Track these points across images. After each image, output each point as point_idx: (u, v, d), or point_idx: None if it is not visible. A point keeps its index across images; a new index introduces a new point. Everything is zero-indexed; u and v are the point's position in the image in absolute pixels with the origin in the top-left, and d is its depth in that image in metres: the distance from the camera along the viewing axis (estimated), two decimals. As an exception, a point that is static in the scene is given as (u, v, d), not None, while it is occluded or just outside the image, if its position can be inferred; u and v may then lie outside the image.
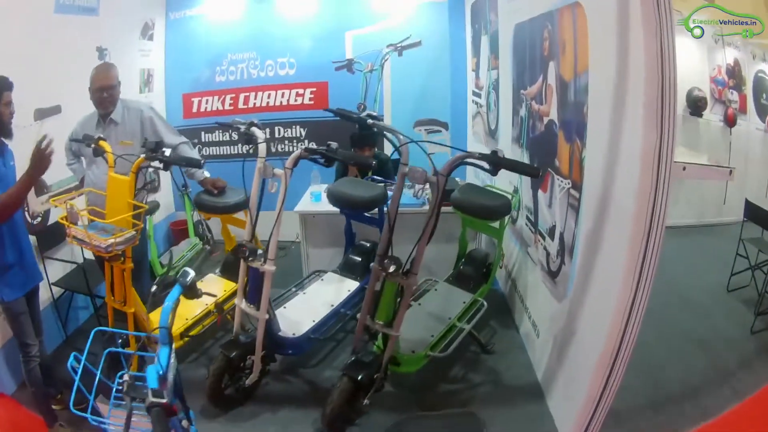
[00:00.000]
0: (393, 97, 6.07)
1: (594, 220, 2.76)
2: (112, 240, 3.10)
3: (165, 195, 6.34)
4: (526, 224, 3.97)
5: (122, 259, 3.25)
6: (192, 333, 3.93)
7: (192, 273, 2.39)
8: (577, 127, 2.96)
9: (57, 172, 4.16)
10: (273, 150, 6.33)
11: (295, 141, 6.34)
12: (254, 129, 3.41)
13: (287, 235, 5.32)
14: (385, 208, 3.81)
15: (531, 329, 3.82)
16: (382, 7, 6.06)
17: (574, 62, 2.97)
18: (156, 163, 3.30)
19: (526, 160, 3.92)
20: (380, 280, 3.07)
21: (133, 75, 5.81)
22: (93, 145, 3.41)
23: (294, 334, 3.64)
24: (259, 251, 3.21)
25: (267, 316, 3.25)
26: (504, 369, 3.76)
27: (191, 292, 2.40)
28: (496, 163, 2.67)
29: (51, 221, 4.29)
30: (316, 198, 4.78)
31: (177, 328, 3.70)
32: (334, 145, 3.13)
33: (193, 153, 4.02)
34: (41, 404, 3.36)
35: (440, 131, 6.07)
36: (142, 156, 3.25)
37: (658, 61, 2.14)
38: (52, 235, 4.25)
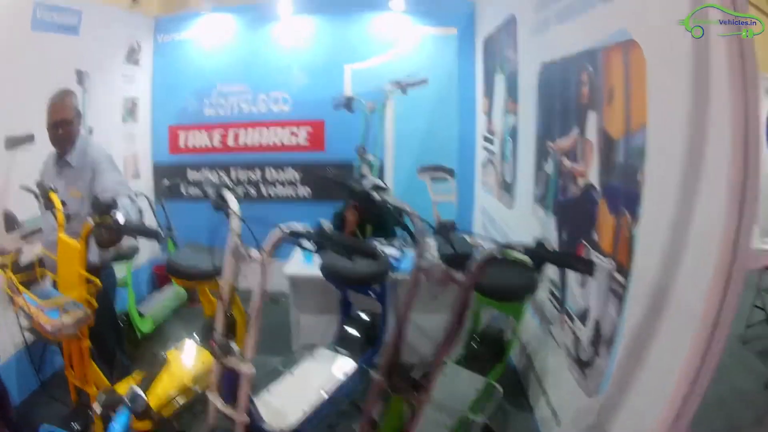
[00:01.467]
0: (396, 140, 5.68)
1: (644, 313, 2.29)
2: (59, 323, 2.75)
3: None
4: (550, 299, 3.49)
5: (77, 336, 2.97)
6: (164, 413, 3.29)
7: (143, 397, 2.23)
8: (626, 196, 2.46)
9: (30, 208, 3.75)
10: (265, 194, 5.97)
11: (287, 185, 5.95)
12: (226, 193, 2.77)
13: (279, 284, 4.85)
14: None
15: (550, 416, 3.39)
16: (385, 39, 5.70)
17: (626, 116, 2.48)
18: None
19: (551, 225, 3.45)
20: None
21: (115, 102, 5.45)
22: (42, 197, 3.15)
23: (282, 430, 3.06)
24: (234, 346, 2.59)
25: (247, 420, 2.62)
26: None
27: (144, 415, 2.15)
28: (541, 258, 2.16)
29: (24, 261, 3.87)
30: (308, 259, 4.30)
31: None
32: (326, 224, 2.43)
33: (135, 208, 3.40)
34: None
35: (446, 179, 5.65)
36: (89, 221, 2.85)
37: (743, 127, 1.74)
38: (25, 276, 3.77)
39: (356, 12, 5.77)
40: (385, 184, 2.68)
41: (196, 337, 4.01)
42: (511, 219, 4.36)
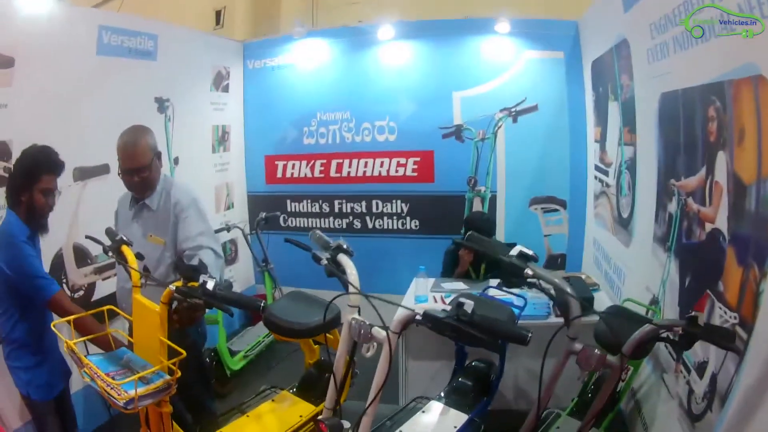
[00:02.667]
0: (507, 170, 5.54)
1: (762, 373, 2.13)
2: (134, 394, 2.31)
3: (243, 265, 5.98)
4: (666, 346, 3.29)
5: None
6: None
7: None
8: (757, 248, 2.29)
9: (103, 239, 3.61)
10: (371, 226, 5.94)
11: (395, 218, 5.88)
12: (342, 257, 2.41)
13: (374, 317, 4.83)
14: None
15: None
16: (493, 64, 5.57)
17: (758, 159, 2.31)
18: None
19: (673, 268, 3.27)
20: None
21: (205, 131, 5.51)
22: (113, 250, 2.75)
23: None
24: (346, 425, 2.29)
25: None
26: None
27: None
28: (692, 336, 2.09)
29: (96, 296, 3.93)
30: (420, 300, 4.16)
31: None
32: (469, 306, 2.02)
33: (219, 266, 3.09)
34: None
35: (558, 210, 5.51)
36: (171, 288, 2.48)
37: None
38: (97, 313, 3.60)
39: (461, 36, 5.68)
40: (532, 253, 2.41)
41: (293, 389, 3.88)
42: (629, 258, 4.17)
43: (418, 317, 2.08)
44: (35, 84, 3.43)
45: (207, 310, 2.61)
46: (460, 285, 4.34)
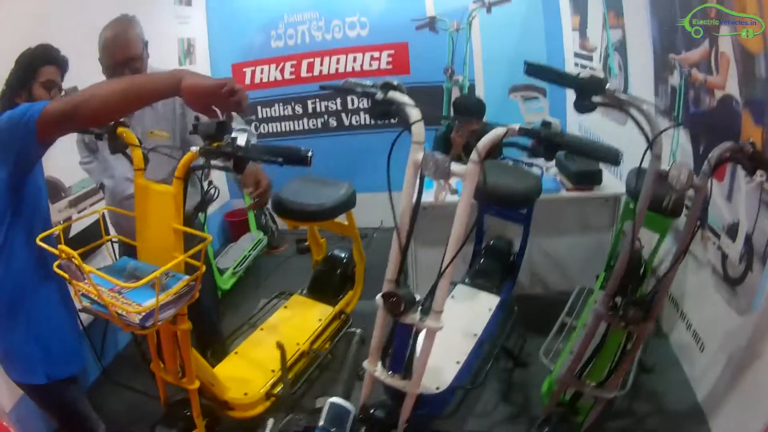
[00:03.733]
0: (484, 60, 5.59)
1: None
2: (151, 305, 1.91)
3: (217, 180, 6.01)
4: (686, 215, 3.44)
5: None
6: (277, 390, 3.02)
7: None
8: None
9: (78, 169, 3.40)
10: (347, 123, 5.99)
11: None
12: (395, 95, 2.13)
13: (368, 221, 4.93)
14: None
15: (690, 341, 3.37)
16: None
17: (765, 30, 2.44)
18: (220, 162, 2.11)
19: (684, 139, 3.39)
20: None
21: (171, 45, 5.34)
22: (105, 136, 2.34)
23: (438, 387, 2.71)
24: (417, 297, 2.06)
25: (419, 392, 2.17)
26: (655, 386, 3.35)
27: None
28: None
29: (73, 232, 3.46)
30: (428, 185, 4.18)
31: (257, 387, 2.97)
32: (556, 125, 1.85)
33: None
34: None
35: (537, 98, 5.61)
36: (193, 150, 2.09)
37: None
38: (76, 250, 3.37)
39: None
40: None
41: (303, 291, 3.84)
42: (626, 136, 4.29)
43: (512, 132, 1.86)
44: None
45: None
46: (459, 167, 4.38)
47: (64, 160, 3.22)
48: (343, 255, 3.86)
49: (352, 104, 5.94)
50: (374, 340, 2.20)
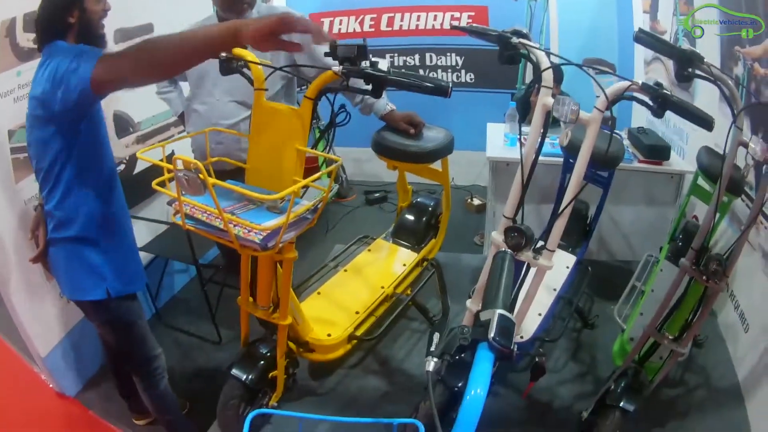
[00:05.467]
0: (560, 31, 5.77)
1: None
2: (278, 225, 1.97)
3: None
4: (742, 199, 3.62)
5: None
6: (360, 333, 3.19)
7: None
8: None
9: (146, 105, 3.54)
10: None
11: (449, 70, 6.09)
12: (527, 42, 2.29)
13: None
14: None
15: (737, 321, 3.59)
16: None
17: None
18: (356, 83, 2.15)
19: (745, 129, 3.55)
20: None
21: None
22: (222, 55, 2.28)
23: (522, 336, 2.89)
24: (537, 240, 2.18)
25: (521, 334, 2.36)
26: (703, 361, 3.55)
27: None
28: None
29: (138, 169, 3.56)
30: (512, 142, 4.35)
31: (341, 329, 3.09)
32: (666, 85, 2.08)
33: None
34: None
35: (608, 73, 5.73)
36: (335, 69, 2.10)
37: None
38: (139, 188, 3.41)
39: None
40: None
41: (388, 237, 3.99)
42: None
43: (634, 87, 2.06)
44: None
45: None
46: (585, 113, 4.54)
47: (133, 95, 3.11)
48: (429, 202, 4.02)
49: (431, 61, 6.11)
50: (481, 278, 2.35)
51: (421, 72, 6.08)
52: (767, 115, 3.35)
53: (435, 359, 1.56)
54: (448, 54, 6.06)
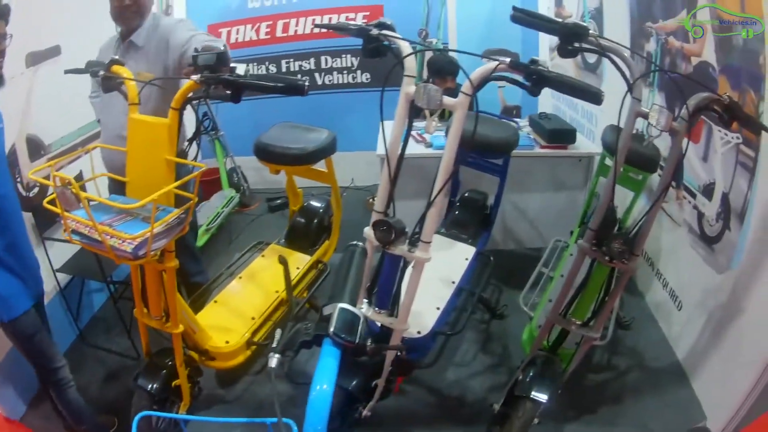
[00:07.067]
0: (459, 24, 5.72)
1: None
2: (145, 234, 1.98)
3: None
4: (659, 174, 3.46)
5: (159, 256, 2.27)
6: (257, 338, 3.20)
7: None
8: (749, 76, 2.65)
9: (57, 126, 3.51)
10: (320, 83, 6.05)
11: (345, 72, 6.02)
12: (388, 32, 2.24)
13: (339, 180, 4.99)
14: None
15: (667, 299, 3.54)
16: None
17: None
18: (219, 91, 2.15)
19: (659, 101, 3.54)
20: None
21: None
22: (101, 74, 2.33)
23: (419, 332, 2.83)
24: (413, 233, 2.12)
25: (407, 327, 2.22)
26: (633, 343, 3.52)
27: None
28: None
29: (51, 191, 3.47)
30: (404, 138, 4.21)
31: (239, 335, 3.11)
32: (543, 61, 2.03)
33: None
34: None
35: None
36: (194, 78, 2.11)
37: None
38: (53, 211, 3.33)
39: None
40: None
41: (281, 241, 4.00)
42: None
43: (502, 66, 1.95)
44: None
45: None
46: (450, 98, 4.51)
47: (44, 116, 3.27)
48: (319, 204, 4.01)
49: (325, 64, 6.03)
50: (365, 271, 2.29)
51: (317, 75, 6.06)
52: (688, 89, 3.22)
53: (277, 356, 1.61)
54: (343, 56, 5.99)
